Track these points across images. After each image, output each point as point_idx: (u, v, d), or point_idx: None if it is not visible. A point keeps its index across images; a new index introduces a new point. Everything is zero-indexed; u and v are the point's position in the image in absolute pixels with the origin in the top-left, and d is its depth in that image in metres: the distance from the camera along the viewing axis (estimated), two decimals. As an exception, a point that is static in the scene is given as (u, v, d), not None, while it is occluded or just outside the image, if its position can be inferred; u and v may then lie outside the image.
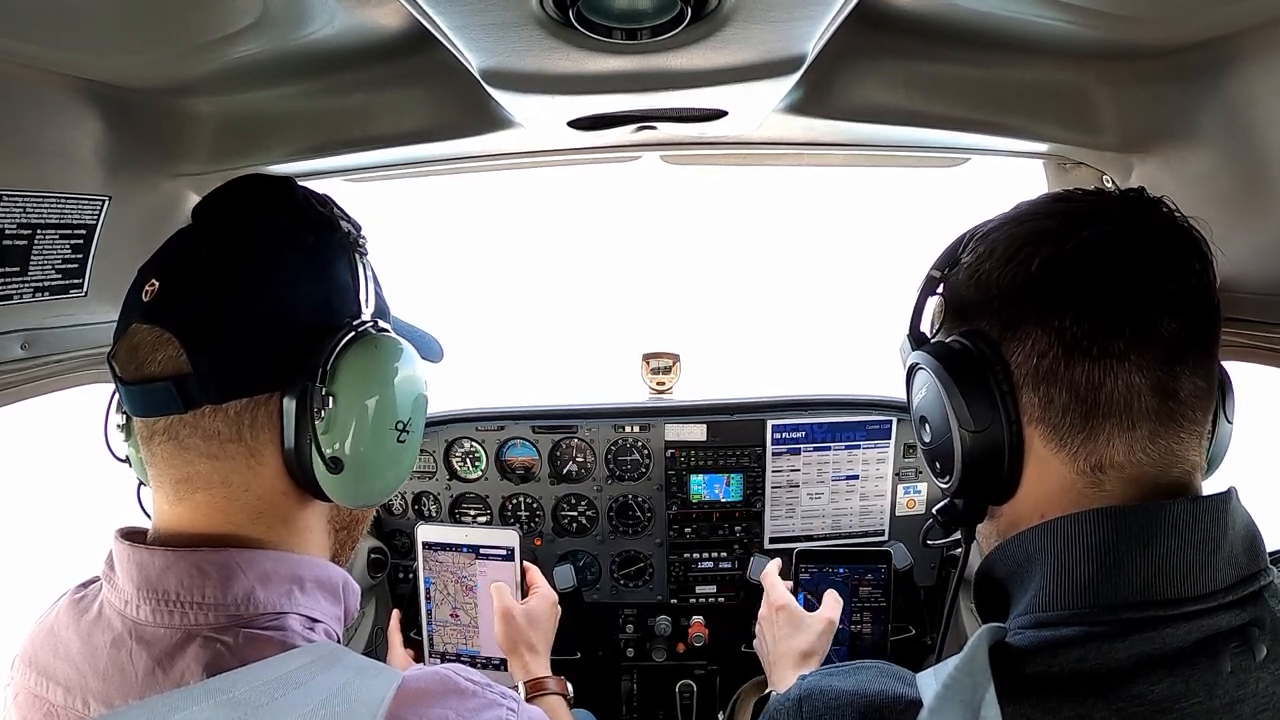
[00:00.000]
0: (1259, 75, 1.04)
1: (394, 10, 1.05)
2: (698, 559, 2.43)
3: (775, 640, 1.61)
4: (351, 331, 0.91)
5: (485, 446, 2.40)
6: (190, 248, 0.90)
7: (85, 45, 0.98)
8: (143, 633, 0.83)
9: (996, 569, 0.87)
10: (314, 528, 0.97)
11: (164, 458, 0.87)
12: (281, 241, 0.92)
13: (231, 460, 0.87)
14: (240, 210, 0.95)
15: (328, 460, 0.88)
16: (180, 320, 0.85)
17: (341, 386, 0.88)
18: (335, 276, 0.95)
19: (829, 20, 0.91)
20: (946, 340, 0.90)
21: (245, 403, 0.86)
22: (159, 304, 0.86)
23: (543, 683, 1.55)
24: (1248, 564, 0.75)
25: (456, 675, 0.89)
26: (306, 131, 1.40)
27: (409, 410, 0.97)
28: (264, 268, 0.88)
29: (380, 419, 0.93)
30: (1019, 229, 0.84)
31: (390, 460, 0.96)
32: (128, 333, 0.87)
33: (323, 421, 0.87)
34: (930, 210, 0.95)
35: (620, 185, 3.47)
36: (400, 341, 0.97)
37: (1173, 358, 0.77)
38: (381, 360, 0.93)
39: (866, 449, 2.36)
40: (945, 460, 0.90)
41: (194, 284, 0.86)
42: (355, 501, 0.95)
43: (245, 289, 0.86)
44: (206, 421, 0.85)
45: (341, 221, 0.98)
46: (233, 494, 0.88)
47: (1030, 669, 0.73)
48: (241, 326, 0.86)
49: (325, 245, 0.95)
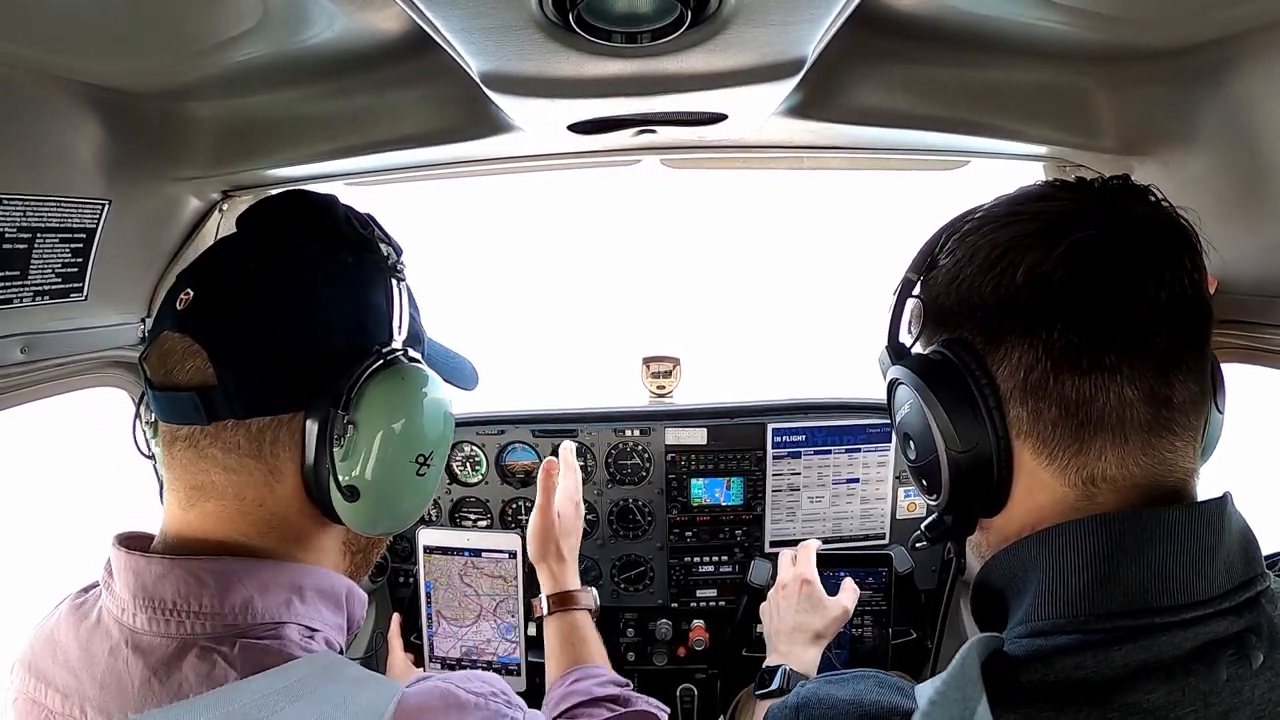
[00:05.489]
0: (1258, 77, 1.04)
1: (394, 14, 1.05)
2: (698, 563, 2.42)
3: (793, 612, 1.60)
4: (380, 359, 0.91)
5: (485, 450, 2.40)
6: (227, 261, 0.91)
7: (86, 49, 0.98)
8: (139, 641, 0.82)
9: (993, 579, 0.86)
10: (329, 548, 0.97)
11: (182, 463, 0.88)
12: (317, 264, 0.92)
13: (249, 475, 0.87)
14: (282, 227, 0.95)
15: (344, 488, 0.88)
16: (210, 333, 0.85)
17: (364, 415, 0.88)
18: (369, 300, 0.94)
19: (828, 23, 0.91)
20: (927, 351, 0.88)
21: (268, 420, 0.86)
22: (191, 314, 0.86)
23: (571, 596, 1.54)
24: (1244, 570, 0.74)
25: (458, 689, 0.88)
26: (307, 136, 1.40)
27: (432, 443, 0.96)
28: (297, 290, 0.89)
29: (401, 450, 0.92)
30: (999, 233, 0.81)
31: (409, 492, 0.96)
32: (160, 338, 0.88)
33: (341, 449, 0.87)
34: (928, 214, 0.95)
35: (620, 189, 3.47)
36: (428, 372, 0.97)
37: (1166, 366, 0.76)
38: (407, 391, 0.93)
39: (867, 452, 2.36)
40: (932, 478, 0.88)
41: (227, 299, 0.87)
42: (372, 530, 0.96)
43: (276, 309, 0.87)
44: (228, 434, 0.86)
45: (381, 244, 0.98)
46: (245, 507, 0.88)
47: (1026, 678, 0.72)
48: (270, 346, 0.86)
49: (361, 269, 0.95)
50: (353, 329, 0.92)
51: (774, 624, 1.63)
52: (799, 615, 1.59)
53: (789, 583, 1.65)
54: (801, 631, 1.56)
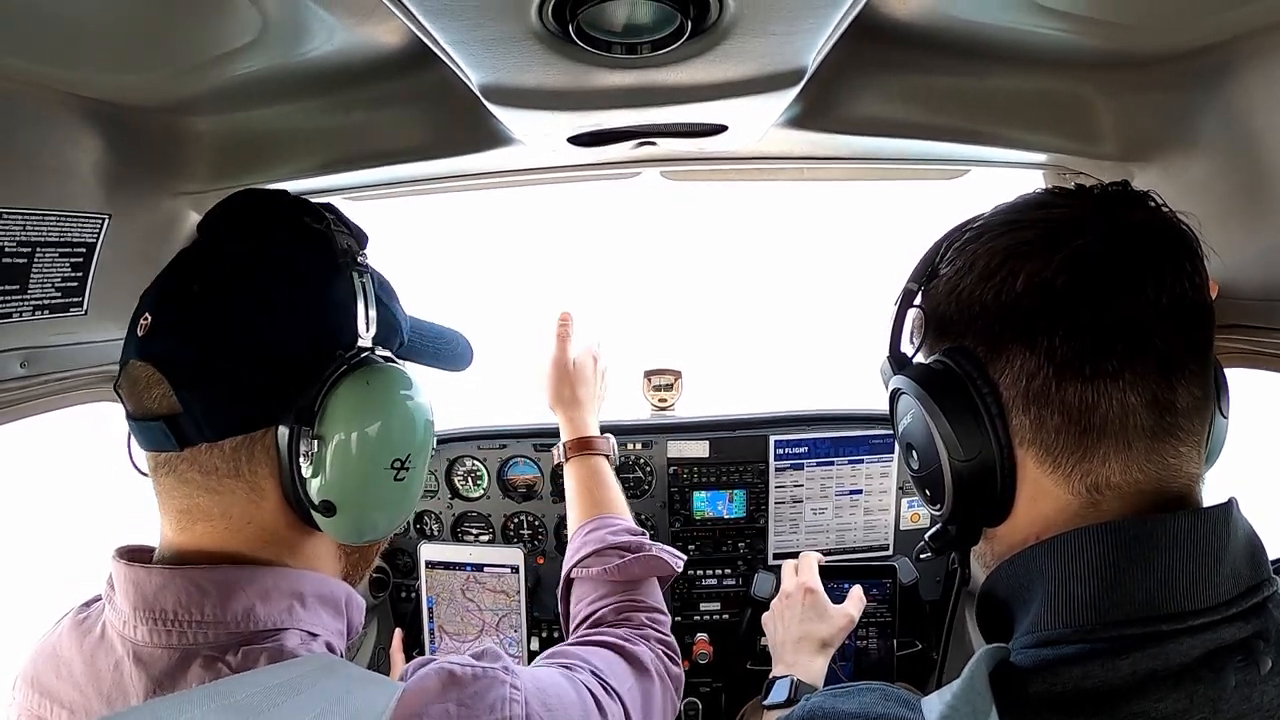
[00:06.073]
0: (1258, 80, 1.04)
1: (394, 27, 1.05)
2: (701, 576, 2.41)
3: (798, 621, 1.58)
4: (343, 365, 0.88)
5: (487, 465, 2.39)
6: (179, 279, 0.88)
7: (85, 62, 0.98)
8: (141, 653, 0.82)
9: (998, 589, 0.85)
10: (323, 555, 0.96)
11: (167, 489, 0.87)
12: (270, 270, 0.88)
13: (231, 495, 0.86)
14: (231, 234, 0.92)
15: (319, 504, 0.86)
16: (168, 359, 0.84)
17: (329, 428, 0.85)
18: (330, 300, 0.91)
19: (828, 33, 0.91)
20: (928, 361, 0.88)
21: (241, 439, 0.85)
22: (149, 341, 0.85)
23: (588, 442, 1.58)
24: (1250, 575, 0.73)
25: (451, 665, 0.87)
26: (307, 149, 1.40)
27: (408, 446, 0.92)
28: (249, 301, 0.86)
29: (374, 459, 0.89)
30: (998, 241, 0.81)
31: (389, 500, 0.93)
32: (127, 367, 0.87)
33: (310, 465, 0.85)
34: (929, 224, 0.95)
35: (620, 201, 3.48)
36: (399, 370, 0.93)
37: (1168, 370, 0.75)
38: (374, 395, 0.89)
39: (870, 463, 2.35)
40: (935, 488, 0.87)
41: (180, 321, 0.85)
42: (357, 539, 0.94)
43: (230, 326, 0.84)
44: (204, 457, 0.85)
45: (340, 235, 0.94)
46: (234, 525, 0.87)
47: (1033, 689, 0.71)
48: (228, 364, 0.84)
49: (318, 267, 0.91)
50: (316, 333, 0.89)
51: (779, 634, 1.61)
52: (805, 624, 1.58)
53: (793, 592, 1.64)
54: (808, 640, 1.55)
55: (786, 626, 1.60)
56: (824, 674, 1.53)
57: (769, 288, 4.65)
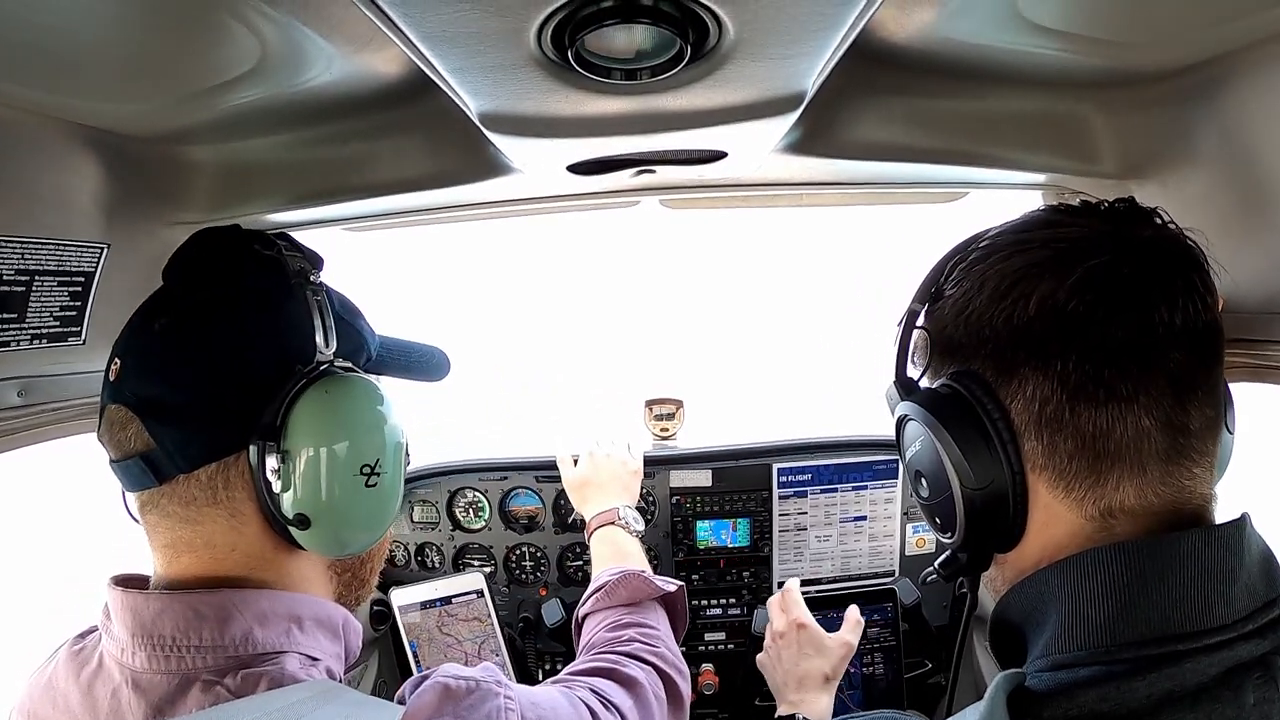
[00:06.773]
0: (1254, 93, 1.04)
1: (392, 56, 1.05)
2: (706, 606, 2.39)
3: (796, 660, 1.55)
4: (302, 379, 0.90)
5: (488, 496, 2.38)
6: (143, 322, 0.92)
7: (83, 91, 0.99)
8: (139, 680, 0.82)
9: (1010, 613, 0.84)
10: (311, 577, 0.96)
11: (151, 526, 0.89)
12: (225, 299, 0.92)
13: (213, 523, 0.88)
14: (187, 273, 0.96)
15: (294, 518, 0.87)
16: (137, 398, 0.87)
17: (294, 441, 0.88)
18: (287, 322, 0.94)
19: (828, 56, 0.91)
20: (936, 385, 0.87)
21: (216, 466, 0.87)
22: (120, 384, 0.88)
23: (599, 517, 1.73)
24: (1265, 591, 0.72)
25: (446, 680, 0.87)
26: (305, 179, 1.40)
27: (376, 451, 0.94)
28: (208, 332, 0.89)
29: (341, 467, 0.91)
30: (1009, 262, 0.80)
31: (365, 507, 0.94)
32: (105, 413, 0.90)
33: (279, 480, 0.86)
34: (927, 248, 0.95)
35: (620, 230, 3.52)
36: (361, 379, 0.96)
37: (1182, 392, 0.74)
38: (334, 404, 0.91)
39: (874, 489, 2.33)
40: (946, 516, 0.86)
41: (145, 361, 0.88)
42: (339, 551, 0.95)
43: (192, 359, 0.87)
44: (182, 489, 0.87)
45: (291, 259, 0.98)
46: (218, 554, 0.88)
47: (1049, 713, 0.70)
48: (193, 396, 0.87)
49: (271, 291, 0.95)
50: (276, 354, 0.92)
51: (778, 675, 1.59)
52: (804, 661, 1.55)
53: (785, 630, 1.61)
54: (810, 678, 1.52)
55: (785, 668, 1.57)
56: (831, 710, 1.50)
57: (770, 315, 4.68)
